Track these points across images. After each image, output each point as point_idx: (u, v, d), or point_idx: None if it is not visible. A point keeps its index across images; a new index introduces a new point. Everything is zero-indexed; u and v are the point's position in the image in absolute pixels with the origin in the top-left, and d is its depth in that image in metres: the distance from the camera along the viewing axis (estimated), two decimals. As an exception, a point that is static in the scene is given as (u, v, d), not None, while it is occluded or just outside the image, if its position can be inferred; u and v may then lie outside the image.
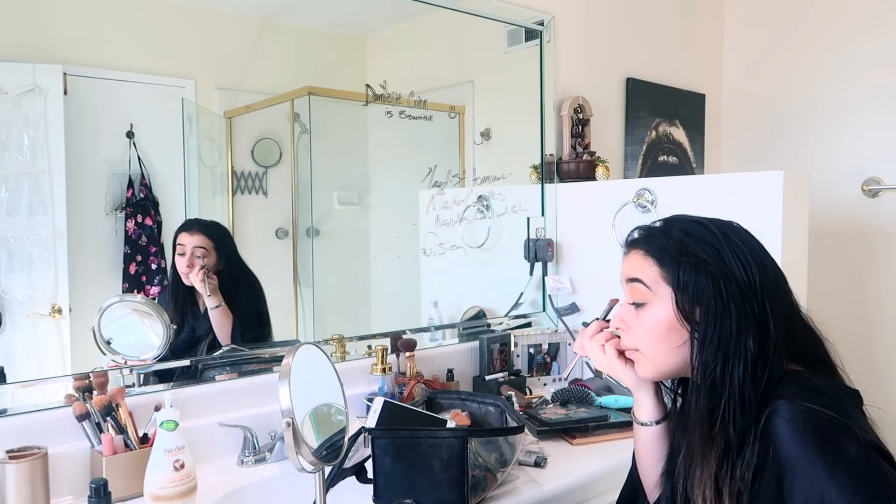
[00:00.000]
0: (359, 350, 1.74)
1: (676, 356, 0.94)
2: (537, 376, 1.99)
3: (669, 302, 0.92)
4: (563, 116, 2.19)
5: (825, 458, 0.78)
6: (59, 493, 1.21)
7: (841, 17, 2.56)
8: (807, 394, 0.83)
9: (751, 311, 0.88)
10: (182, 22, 1.54)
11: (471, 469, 1.14)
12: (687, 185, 1.85)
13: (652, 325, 0.94)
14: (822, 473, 0.78)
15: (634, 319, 0.97)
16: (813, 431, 0.80)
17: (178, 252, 1.51)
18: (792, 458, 0.80)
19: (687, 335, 0.91)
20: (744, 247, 0.91)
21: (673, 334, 0.92)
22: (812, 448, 0.79)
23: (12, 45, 1.33)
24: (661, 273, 0.93)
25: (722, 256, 0.90)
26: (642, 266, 0.95)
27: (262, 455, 1.39)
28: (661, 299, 0.93)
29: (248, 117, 1.63)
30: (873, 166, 2.49)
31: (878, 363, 2.48)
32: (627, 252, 1.00)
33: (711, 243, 0.91)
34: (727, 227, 0.94)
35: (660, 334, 0.93)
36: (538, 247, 2.08)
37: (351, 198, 1.84)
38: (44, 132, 1.36)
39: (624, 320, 1.00)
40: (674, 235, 0.94)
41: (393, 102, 1.85)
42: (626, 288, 0.99)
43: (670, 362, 0.95)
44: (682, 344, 0.92)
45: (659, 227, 0.98)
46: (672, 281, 0.92)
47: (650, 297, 0.94)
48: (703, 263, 0.90)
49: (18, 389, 1.29)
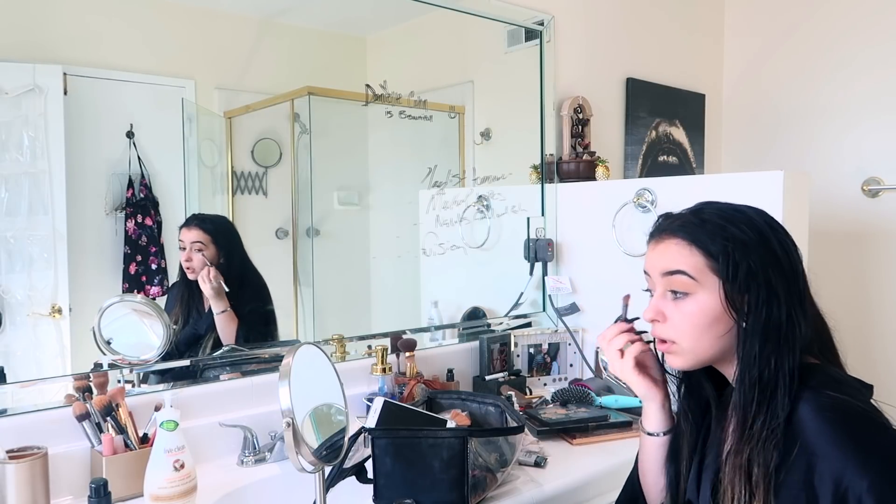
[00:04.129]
0: (359, 350, 1.74)
1: (719, 345, 0.91)
2: (537, 376, 1.99)
3: (716, 291, 0.89)
4: (563, 116, 2.19)
5: (858, 445, 0.78)
6: (59, 493, 1.21)
7: (841, 18, 2.56)
8: (830, 384, 0.84)
9: (796, 297, 0.87)
10: (182, 22, 1.54)
11: (471, 469, 1.14)
12: (687, 185, 1.85)
13: (697, 315, 0.90)
14: (853, 461, 0.77)
15: (674, 311, 0.92)
16: (843, 420, 0.80)
17: (180, 247, 1.52)
18: (822, 446, 0.80)
19: (733, 324, 0.89)
20: (780, 230, 0.90)
21: (718, 324, 0.90)
22: (843, 436, 0.79)
23: (12, 45, 1.33)
24: (707, 262, 0.89)
25: (767, 242, 0.88)
26: (684, 256, 0.91)
27: (262, 455, 1.39)
28: (706, 289, 0.89)
29: (248, 117, 1.63)
30: (873, 166, 2.49)
31: (878, 363, 2.48)
32: (659, 241, 0.96)
33: (754, 227, 0.89)
34: (761, 211, 0.92)
35: (705, 325, 0.90)
36: (538, 247, 2.08)
37: (351, 198, 1.84)
38: (44, 132, 1.36)
39: (661, 311, 0.94)
40: (714, 222, 0.91)
41: (393, 102, 1.85)
42: (660, 280, 0.94)
43: (712, 352, 0.92)
44: (725, 333, 0.90)
45: (693, 215, 0.94)
46: (720, 270, 0.88)
47: (694, 288, 0.90)
48: (751, 250, 0.88)
49: (18, 389, 1.29)
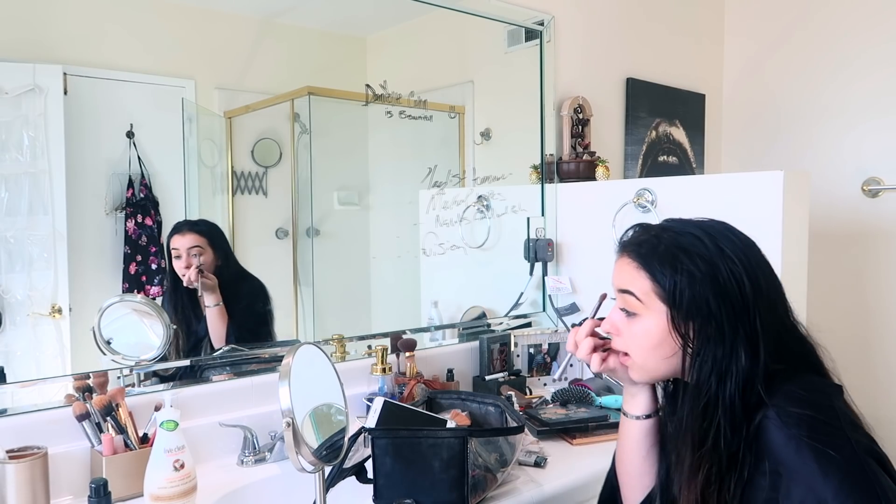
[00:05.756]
0: (359, 350, 1.74)
1: (667, 365, 0.93)
2: (537, 376, 1.99)
3: (662, 316, 0.90)
4: (563, 116, 2.19)
5: (819, 460, 0.78)
6: (59, 493, 1.21)
7: (841, 17, 2.56)
8: (794, 400, 0.83)
9: (743, 331, 0.87)
10: (182, 22, 1.54)
11: (471, 469, 1.14)
12: (687, 185, 1.85)
13: (643, 335, 0.93)
14: (817, 476, 0.78)
15: (626, 326, 0.96)
16: (807, 435, 0.80)
17: (174, 256, 1.50)
18: (786, 462, 0.80)
19: (678, 347, 0.90)
20: (737, 260, 0.89)
21: (664, 345, 0.92)
22: (806, 451, 0.79)
23: (12, 45, 1.33)
24: (654, 288, 0.91)
25: (716, 273, 0.88)
26: (634, 278, 0.93)
27: (262, 455, 1.39)
28: (653, 312, 0.91)
29: (248, 117, 1.63)
30: (873, 166, 2.49)
31: (878, 363, 2.48)
32: (620, 256, 0.98)
33: (706, 257, 0.89)
34: (721, 235, 0.92)
35: (651, 345, 0.93)
36: (538, 247, 2.08)
37: (351, 198, 1.84)
38: (44, 132, 1.36)
39: (616, 325, 0.98)
40: (666, 246, 0.91)
41: (393, 102, 1.85)
42: (617, 296, 0.97)
43: (661, 369, 0.95)
44: (672, 355, 0.92)
45: (651, 234, 0.95)
46: (665, 297, 0.90)
47: (641, 310, 0.93)
48: (697, 281, 0.88)
49: (18, 389, 1.29)
